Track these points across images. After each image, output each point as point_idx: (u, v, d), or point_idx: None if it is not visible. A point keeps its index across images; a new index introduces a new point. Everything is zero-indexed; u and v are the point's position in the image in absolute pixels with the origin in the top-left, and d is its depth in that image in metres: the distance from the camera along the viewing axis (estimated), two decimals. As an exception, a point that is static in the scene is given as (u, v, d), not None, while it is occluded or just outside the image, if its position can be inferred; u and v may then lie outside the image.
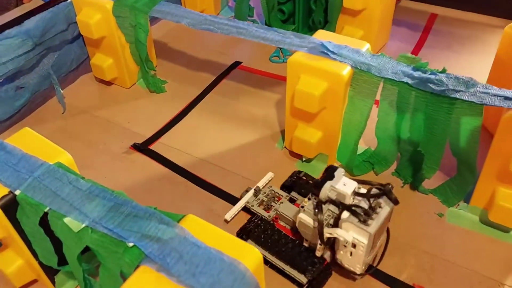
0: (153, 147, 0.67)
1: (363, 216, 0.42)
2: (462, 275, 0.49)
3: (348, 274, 0.48)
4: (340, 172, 0.45)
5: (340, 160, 0.61)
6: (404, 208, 0.56)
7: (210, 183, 0.61)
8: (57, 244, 0.40)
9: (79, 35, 0.74)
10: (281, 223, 0.53)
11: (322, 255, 0.47)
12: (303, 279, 0.47)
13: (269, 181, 0.59)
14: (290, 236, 0.51)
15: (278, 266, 0.49)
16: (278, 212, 0.53)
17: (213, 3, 0.94)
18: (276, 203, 0.54)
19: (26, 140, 0.44)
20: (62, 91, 0.73)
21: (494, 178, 0.51)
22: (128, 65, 0.74)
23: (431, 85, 0.49)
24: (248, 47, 0.88)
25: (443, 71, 0.51)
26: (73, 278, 0.48)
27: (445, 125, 0.50)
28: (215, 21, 0.62)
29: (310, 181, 0.57)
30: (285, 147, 0.65)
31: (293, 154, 0.64)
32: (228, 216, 0.55)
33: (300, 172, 0.58)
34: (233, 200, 0.58)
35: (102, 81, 0.79)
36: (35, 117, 0.72)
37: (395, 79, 0.51)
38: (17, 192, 0.39)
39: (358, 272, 0.46)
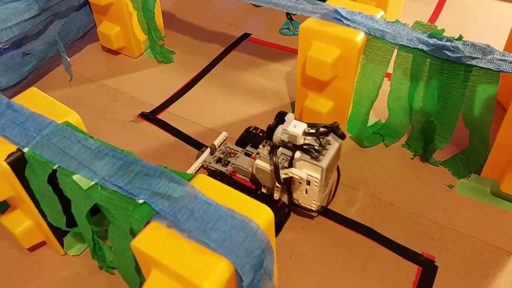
0: (161, 116, 0.66)
1: (315, 153, 0.44)
2: (471, 245, 0.49)
3: (305, 214, 0.50)
4: (290, 116, 0.47)
5: (350, 131, 0.60)
6: (414, 179, 0.56)
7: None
8: (66, 205, 0.40)
9: (86, 2, 0.73)
10: (239, 175, 0.53)
11: (280, 199, 0.49)
12: None
13: (224, 139, 0.60)
14: (249, 186, 0.52)
15: None
16: (235, 165, 0.53)
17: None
18: (232, 158, 0.55)
19: (34, 99, 0.43)
20: (68, 59, 0.72)
21: (508, 149, 0.50)
22: (135, 34, 0.73)
23: (446, 52, 0.48)
24: (257, 19, 0.87)
25: (459, 38, 0.49)
26: (81, 241, 0.48)
27: (460, 94, 0.49)
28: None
29: (261, 134, 0.57)
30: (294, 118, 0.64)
31: (303, 125, 0.64)
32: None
33: (250, 127, 0.58)
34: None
35: (109, 51, 0.78)
36: (42, 84, 0.71)
37: (410, 45, 0.50)
38: (25, 150, 0.38)
39: (314, 209, 0.48)
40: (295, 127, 0.45)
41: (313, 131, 0.45)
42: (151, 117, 0.65)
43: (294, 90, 0.70)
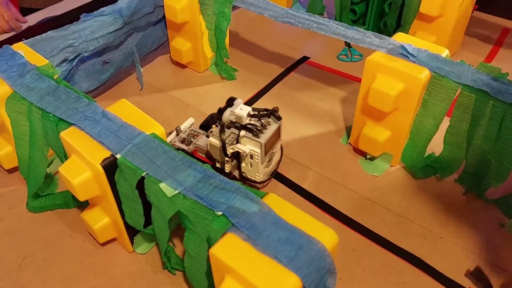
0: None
1: (256, 131, 0.53)
2: (521, 286, 0.50)
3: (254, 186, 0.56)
4: (238, 101, 0.56)
5: (404, 161, 0.63)
6: (464, 214, 0.57)
7: (285, 176, 0.63)
8: (145, 208, 0.44)
9: (162, 18, 0.79)
10: (200, 154, 0.60)
11: (231, 172, 0.57)
12: None
13: (191, 125, 0.64)
14: (206, 161, 0.59)
15: None
16: (196, 145, 0.60)
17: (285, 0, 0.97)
18: (195, 139, 0.61)
19: (124, 110, 0.48)
20: (142, 70, 0.78)
21: None
22: (204, 51, 0.78)
23: (507, 97, 0.50)
24: (316, 43, 0.90)
25: (523, 83, 0.51)
26: (148, 241, 0.52)
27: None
28: (296, 15, 0.65)
29: None
30: (349, 143, 0.67)
31: (357, 151, 0.66)
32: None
33: (214, 113, 0.61)
34: (294, 187, 0.60)
35: (177, 64, 0.83)
36: (116, 91, 0.77)
37: (474, 86, 0.52)
38: (118, 156, 0.43)
39: (258, 180, 0.57)
40: (241, 110, 0.54)
41: (255, 113, 0.55)
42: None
43: (349, 115, 0.73)
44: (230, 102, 0.57)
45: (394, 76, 0.55)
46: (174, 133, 0.62)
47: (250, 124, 0.54)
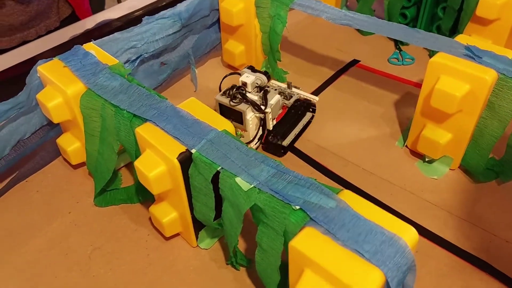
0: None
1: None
2: None
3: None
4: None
5: (465, 164, 0.62)
6: (532, 219, 0.56)
7: (331, 171, 0.64)
8: (216, 202, 0.45)
9: (216, 21, 0.81)
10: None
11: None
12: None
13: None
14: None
15: None
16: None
17: (334, 2, 0.97)
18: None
19: (194, 107, 0.49)
20: (196, 71, 0.80)
21: None
22: (257, 53, 0.79)
23: None
24: (366, 46, 0.90)
25: None
26: (211, 236, 0.53)
27: None
28: (355, 17, 0.65)
29: None
30: (406, 146, 0.67)
31: (414, 154, 0.66)
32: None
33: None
34: (354, 190, 0.60)
35: (228, 66, 0.85)
36: (171, 91, 0.79)
37: (544, 88, 0.51)
38: (193, 151, 0.44)
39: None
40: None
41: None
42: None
43: (403, 118, 0.72)
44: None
45: (459, 77, 0.54)
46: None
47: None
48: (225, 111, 0.63)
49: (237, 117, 0.62)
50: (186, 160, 0.44)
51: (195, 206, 0.48)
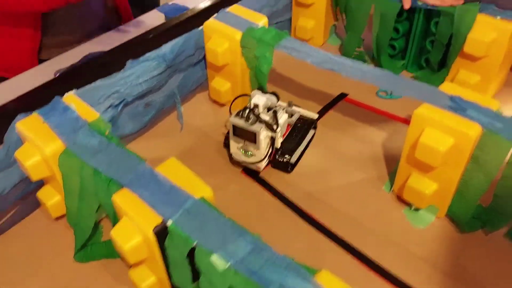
0: (263, 173, 0.70)
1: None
2: None
3: None
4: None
5: (451, 214, 0.61)
6: (518, 274, 0.55)
7: (318, 221, 0.63)
8: (194, 273, 0.45)
9: (202, 59, 0.80)
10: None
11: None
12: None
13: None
14: None
15: None
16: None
17: (322, 30, 0.96)
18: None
19: (173, 170, 0.48)
20: (182, 110, 0.79)
21: None
22: (244, 90, 0.78)
23: None
24: (353, 80, 0.89)
25: None
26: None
27: None
28: (339, 62, 0.64)
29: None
30: (393, 190, 0.66)
31: (401, 199, 0.65)
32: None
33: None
34: (339, 241, 0.59)
35: (215, 101, 0.84)
36: (156, 131, 0.78)
37: (530, 147, 0.50)
38: (169, 223, 0.43)
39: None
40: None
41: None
42: (253, 174, 0.69)
43: (391, 158, 0.71)
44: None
45: (443, 130, 0.54)
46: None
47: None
48: (238, 132, 0.65)
49: (250, 137, 0.64)
50: (162, 232, 0.43)
51: (173, 274, 0.47)
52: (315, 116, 0.75)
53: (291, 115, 0.74)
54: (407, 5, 0.78)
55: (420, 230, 0.61)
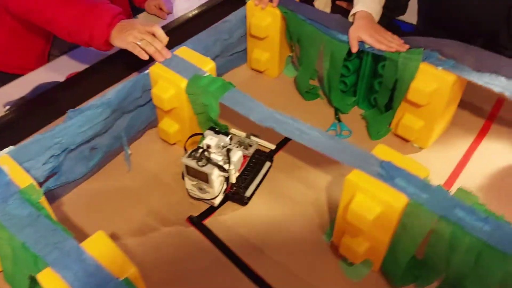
0: (208, 221, 0.71)
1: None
2: None
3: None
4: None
5: (384, 269, 0.63)
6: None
7: (258, 275, 0.64)
8: None
9: (151, 99, 0.79)
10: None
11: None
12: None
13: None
14: None
15: None
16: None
17: (277, 63, 0.96)
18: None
19: (100, 246, 0.49)
20: (129, 153, 0.78)
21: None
22: (193, 130, 0.78)
23: (483, 234, 0.50)
24: (306, 115, 0.89)
25: (499, 219, 0.51)
26: None
27: (496, 277, 0.50)
28: (281, 120, 0.65)
29: None
30: (332, 241, 0.68)
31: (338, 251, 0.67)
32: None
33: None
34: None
35: (165, 141, 0.83)
36: (102, 174, 0.78)
37: (450, 219, 0.52)
38: (91, 309, 0.44)
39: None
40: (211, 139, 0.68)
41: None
42: (197, 222, 0.70)
43: (334, 205, 0.73)
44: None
45: (372, 199, 0.55)
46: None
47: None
48: (191, 172, 0.66)
49: (203, 177, 0.66)
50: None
51: None
52: (273, 147, 0.78)
53: (249, 145, 0.77)
54: (354, 49, 0.79)
55: (355, 283, 0.63)
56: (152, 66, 0.73)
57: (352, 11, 0.84)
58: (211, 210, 0.72)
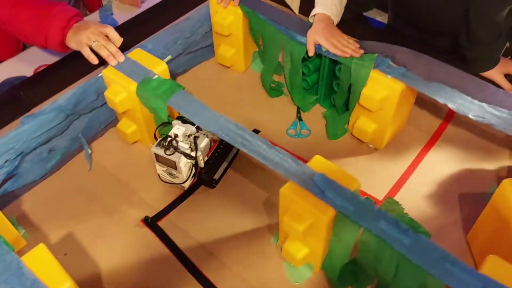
0: (162, 223, 0.73)
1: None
2: None
3: None
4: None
5: (324, 270, 0.66)
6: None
7: (206, 277, 0.67)
8: None
9: (109, 100, 0.81)
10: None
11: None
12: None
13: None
14: None
15: None
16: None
17: (243, 58, 0.97)
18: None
19: (40, 260, 0.52)
20: (90, 152, 0.81)
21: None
22: (150, 130, 0.80)
23: (402, 247, 0.52)
24: (269, 114, 0.91)
25: (425, 233, 0.53)
26: None
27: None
28: (224, 126, 0.67)
29: None
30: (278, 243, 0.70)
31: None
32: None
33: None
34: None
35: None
36: (60, 174, 0.80)
37: (373, 231, 0.54)
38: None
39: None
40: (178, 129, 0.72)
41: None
42: (152, 223, 0.73)
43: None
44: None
45: (304, 210, 0.58)
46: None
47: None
48: (160, 159, 0.71)
49: (171, 164, 0.70)
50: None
51: None
52: None
53: None
54: (310, 52, 0.80)
55: (297, 286, 0.66)
56: (104, 70, 0.75)
57: (312, 13, 0.84)
58: (166, 211, 0.75)
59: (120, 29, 0.88)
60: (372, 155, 0.83)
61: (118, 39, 0.76)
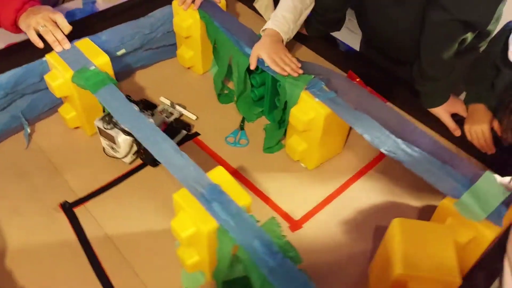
0: (78, 210, 0.76)
1: None
2: None
3: None
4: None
5: (215, 280, 0.67)
6: None
7: (104, 270, 0.68)
8: None
9: (55, 84, 0.83)
10: None
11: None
12: None
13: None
14: None
15: None
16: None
17: (201, 61, 0.98)
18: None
19: None
20: (29, 131, 0.83)
21: None
22: (90, 118, 0.82)
23: (266, 269, 0.53)
24: (214, 118, 0.92)
25: (296, 259, 0.54)
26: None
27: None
28: (138, 126, 0.69)
29: None
30: (180, 247, 0.72)
31: (186, 257, 0.71)
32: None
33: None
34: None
35: (68, 124, 0.88)
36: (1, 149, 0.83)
37: (246, 249, 0.55)
38: None
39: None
40: None
41: None
42: (68, 209, 0.75)
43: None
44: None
45: (189, 218, 0.59)
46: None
47: None
48: (102, 133, 0.76)
49: (111, 138, 0.75)
50: None
51: None
52: (194, 117, 0.90)
53: (171, 114, 0.88)
54: (252, 66, 0.81)
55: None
56: (47, 54, 0.77)
57: (263, 27, 0.85)
58: (85, 199, 0.77)
59: (95, 16, 0.90)
60: (301, 174, 0.84)
61: (67, 27, 0.78)
